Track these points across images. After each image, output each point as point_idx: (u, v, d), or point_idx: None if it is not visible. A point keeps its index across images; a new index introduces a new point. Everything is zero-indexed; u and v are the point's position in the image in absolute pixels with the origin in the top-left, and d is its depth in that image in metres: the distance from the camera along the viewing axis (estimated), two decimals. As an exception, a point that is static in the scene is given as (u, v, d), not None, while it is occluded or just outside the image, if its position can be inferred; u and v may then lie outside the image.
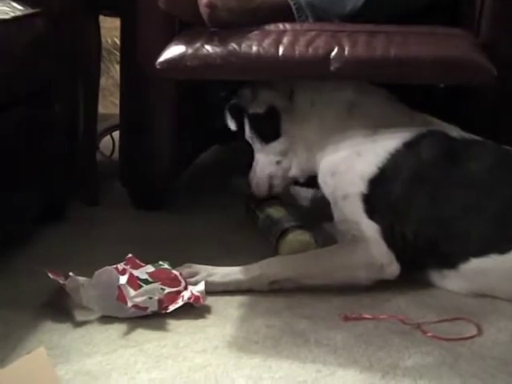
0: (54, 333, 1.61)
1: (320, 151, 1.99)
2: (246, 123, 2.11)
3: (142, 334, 1.61)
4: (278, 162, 2.08)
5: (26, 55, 1.91)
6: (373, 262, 1.80)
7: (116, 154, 2.49)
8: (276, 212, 2.07)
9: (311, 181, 2.10)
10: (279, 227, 1.99)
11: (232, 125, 2.10)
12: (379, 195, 1.85)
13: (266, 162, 2.10)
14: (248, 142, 2.14)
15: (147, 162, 2.28)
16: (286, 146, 2.05)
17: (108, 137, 2.72)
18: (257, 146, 2.11)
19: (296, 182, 2.19)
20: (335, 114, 1.98)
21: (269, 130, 2.06)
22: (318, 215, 2.12)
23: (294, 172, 2.08)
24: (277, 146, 2.06)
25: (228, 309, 1.72)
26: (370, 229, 1.83)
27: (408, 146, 1.88)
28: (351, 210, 1.87)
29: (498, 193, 1.82)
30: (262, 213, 2.10)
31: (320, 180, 2.00)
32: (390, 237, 1.82)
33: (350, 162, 1.91)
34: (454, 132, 1.93)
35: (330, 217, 1.96)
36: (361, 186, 1.86)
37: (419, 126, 1.92)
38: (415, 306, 1.75)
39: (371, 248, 1.81)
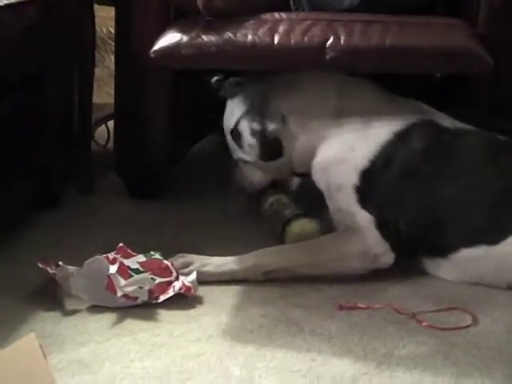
0: (47, 322, 1.60)
1: (314, 154, 1.97)
2: (243, 140, 2.04)
3: (135, 324, 1.61)
4: (278, 173, 2.08)
5: (19, 42, 1.90)
6: (367, 251, 1.80)
7: (111, 144, 2.48)
8: (280, 201, 2.06)
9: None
10: (284, 216, 1.98)
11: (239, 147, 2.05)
12: (372, 186, 1.86)
13: (264, 175, 2.09)
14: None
15: (142, 151, 2.27)
16: (285, 162, 2.03)
17: (103, 126, 2.71)
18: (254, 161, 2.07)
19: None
20: (324, 124, 1.96)
21: (272, 153, 2.02)
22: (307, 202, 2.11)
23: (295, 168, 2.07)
24: (277, 163, 2.04)
25: (223, 298, 1.72)
26: (364, 219, 1.83)
27: (399, 136, 1.88)
28: (345, 201, 1.87)
29: (490, 183, 1.82)
30: (266, 202, 2.09)
31: (314, 177, 1.99)
32: (385, 226, 1.82)
33: (343, 157, 1.91)
34: (446, 121, 1.92)
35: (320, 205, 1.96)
36: (354, 178, 1.87)
37: (410, 116, 1.91)
38: (410, 296, 1.74)
39: (365, 238, 1.81)
